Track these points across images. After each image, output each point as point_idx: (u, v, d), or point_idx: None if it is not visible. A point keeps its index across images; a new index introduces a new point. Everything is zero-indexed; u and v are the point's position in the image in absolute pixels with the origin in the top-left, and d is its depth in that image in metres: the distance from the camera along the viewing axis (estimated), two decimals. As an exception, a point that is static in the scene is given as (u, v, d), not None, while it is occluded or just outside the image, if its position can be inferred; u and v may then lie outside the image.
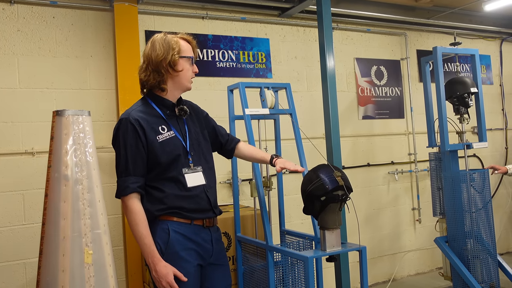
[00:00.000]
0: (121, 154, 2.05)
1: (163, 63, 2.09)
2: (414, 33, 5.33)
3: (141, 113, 2.10)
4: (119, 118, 2.11)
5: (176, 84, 2.16)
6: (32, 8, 3.51)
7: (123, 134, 2.05)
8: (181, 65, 2.13)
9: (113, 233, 3.58)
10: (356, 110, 4.88)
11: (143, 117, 2.08)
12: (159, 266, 1.98)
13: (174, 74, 2.13)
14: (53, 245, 1.95)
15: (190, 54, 2.17)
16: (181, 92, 2.22)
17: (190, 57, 2.16)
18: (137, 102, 2.20)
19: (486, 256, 3.63)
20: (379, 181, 4.96)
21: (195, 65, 2.20)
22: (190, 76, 2.18)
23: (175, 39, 2.14)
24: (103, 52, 3.71)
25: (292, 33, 4.56)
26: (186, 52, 2.15)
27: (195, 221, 2.12)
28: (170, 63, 2.09)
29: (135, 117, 2.06)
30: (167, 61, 2.09)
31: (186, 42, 2.18)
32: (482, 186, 3.68)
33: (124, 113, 2.12)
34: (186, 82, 2.18)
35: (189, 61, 2.16)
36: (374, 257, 4.85)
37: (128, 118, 2.06)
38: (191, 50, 2.18)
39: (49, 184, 2.02)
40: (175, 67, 2.11)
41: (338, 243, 2.52)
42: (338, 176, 2.42)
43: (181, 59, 2.12)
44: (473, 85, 3.82)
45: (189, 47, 2.18)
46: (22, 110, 3.42)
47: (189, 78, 2.18)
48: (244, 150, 2.51)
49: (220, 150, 2.49)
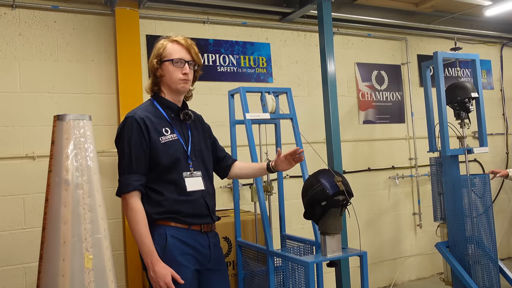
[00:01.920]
0: (125, 151, 2.05)
1: (152, 69, 2.16)
2: (415, 38, 5.34)
3: (147, 112, 2.12)
4: (125, 116, 2.12)
5: (166, 87, 2.18)
6: (33, 13, 3.51)
7: (128, 131, 2.06)
8: (163, 70, 2.14)
9: (113, 238, 3.57)
10: (357, 115, 4.88)
11: (148, 116, 2.10)
12: (157, 266, 1.98)
13: (161, 79, 2.16)
14: (53, 249, 1.95)
15: (175, 56, 2.12)
16: (178, 95, 2.21)
17: (170, 59, 2.12)
18: (144, 102, 2.23)
19: (487, 261, 3.62)
20: (379, 186, 4.96)
21: (186, 66, 2.14)
22: (178, 78, 2.13)
23: (162, 42, 2.16)
24: (104, 56, 3.71)
25: (293, 37, 4.57)
26: (170, 55, 2.13)
27: (193, 226, 2.11)
28: (153, 69, 2.16)
29: (140, 115, 2.08)
30: (153, 67, 2.15)
31: (175, 43, 2.15)
32: (483, 191, 3.67)
33: (130, 112, 2.14)
34: (173, 84, 2.15)
35: (172, 64, 2.12)
36: (374, 262, 4.84)
37: (134, 116, 2.07)
38: (179, 52, 2.14)
39: (49, 188, 2.02)
40: (156, 73, 2.15)
41: (338, 248, 2.52)
42: (338, 181, 2.42)
43: (163, 63, 2.13)
44: (473, 90, 3.82)
45: (178, 48, 2.14)
46: (23, 114, 3.42)
47: (177, 80, 2.13)
48: (241, 165, 2.50)
49: (216, 165, 2.43)
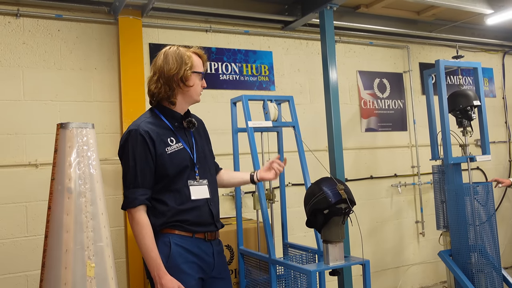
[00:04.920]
0: (129, 165, 2.04)
1: (175, 78, 2.10)
2: (417, 46, 5.35)
3: (150, 124, 2.09)
4: (128, 129, 2.10)
5: (186, 98, 2.18)
6: (37, 21, 3.54)
7: (133, 145, 2.04)
8: (192, 80, 2.14)
9: (115, 246, 3.57)
10: (359, 123, 4.88)
11: (152, 128, 2.08)
12: (165, 279, 1.97)
13: (184, 89, 2.14)
14: (55, 258, 1.95)
15: (201, 69, 2.19)
16: (189, 105, 2.23)
17: (201, 72, 2.18)
18: (144, 113, 2.20)
19: (490, 270, 3.59)
20: (382, 194, 4.95)
21: (204, 80, 2.22)
22: (200, 90, 2.21)
23: (188, 53, 2.15)
24: (107, 64, 3.73)
25: (295, 46, 4.59)
26: (197, 67, 2.17)
27: (197, 234, 2.10)
28: (182, 78, 2.10)
29: (145, 128, 2.06)
30: (179, 76, 2.10)
31: (198, 56, 2.20)
32: (485, 199, 3.66)
33: (132, 124, 2.12)
34: (196, 96, 2.20)
35: (199, 76, 2.18)
36: (377, 270, 4.81)
37: (138, 130, 2.05)
38: (201, 65, 2.20)
39: (52, 196, 2.02)
40: (186, 82, 2.12)
41: (341, 256, 2.51)
42: (341, 189, 2.42)
43: (193, 74, 2.14)
44: (476, 98, 3.82)
45: (200, 62, 2.20)
46: (26, 122, 3.44)
47: (199, 92, 2.21)
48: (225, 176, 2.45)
49: None
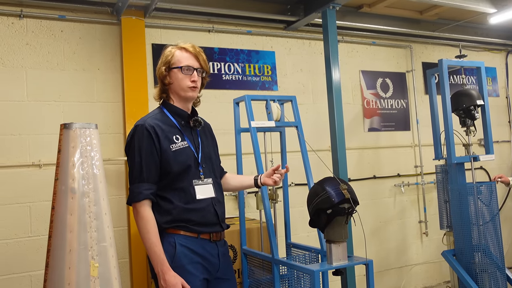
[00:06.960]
0: (135, 160, 2.05)
1: (160, 77, 2.17)
2: (420, 46, 5.34)
3: (156, 120, 2.11)
4: (135, 124, 2.11)
5: (175, 94, 2.18)
6: (40, 22, 3.55)
7: (139, 140, 2.05)
8: (172, 77, 2.14)
9: (119, 246, 3.58)
10: (362, 123, 4.87)
11: (158, 124, 2.09)
12: (168, 275, 1.97)
13: (169, 87, 2.17)
14: (59, 258, 1.95)
15: (184, 63, 2.13)
16: (186, 102, 2.20)
17: (179, 67, 2.12)
18: (153, 110, 2.22)
19: (494, 269, 3.58)
20: (385, 194, 4.94)
21: (195, 73, 2.14)
22: (186, 85, 2.13)
23: (170, 50, 2.16)
24: (110, 65, 3.74)
25: (297, 46, 4.59)
26: (178, 62, 2.13)
27: (202, 235, 2.10)
28: (161, 77, 2.16)
29: (151, 124, 2.07)
30: (159, 75, 2.16)
31: (184, 51, 2.15)
32: (489, 199, 3.65)
33: (139, 120, 2.13)
34: (182, 92, 2.15)
35: (181, 71, 2.12)
36: (380, 270, 4.81)
37: (144, 125, 2.07)
38: (188, 59, 2.14)
39: (56, 196, 2.02)
40: (165, 80, 2.15)
41: (344, 256, 2.50)
42: (344, 189, 2.41)
43: (172, 71, 2.13)
44: (479, 97, 3.81)
45: (186, 55, 2.14)
46: (30, 123, 3.45)
47: (185, 87, 2.13)
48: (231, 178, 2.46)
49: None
